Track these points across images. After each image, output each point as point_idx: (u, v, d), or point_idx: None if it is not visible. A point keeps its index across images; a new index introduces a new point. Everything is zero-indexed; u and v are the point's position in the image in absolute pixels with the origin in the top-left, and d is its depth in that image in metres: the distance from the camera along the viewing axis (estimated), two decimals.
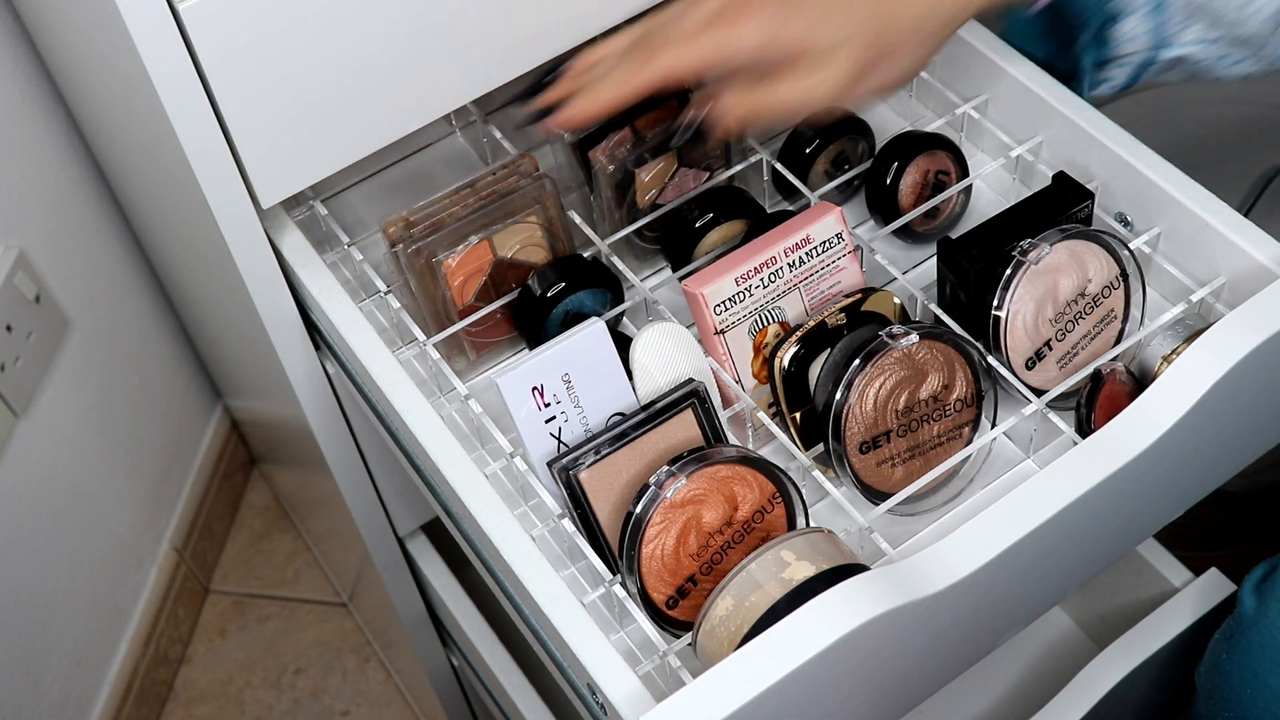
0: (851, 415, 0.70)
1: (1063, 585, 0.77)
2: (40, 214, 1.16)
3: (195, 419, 1.49)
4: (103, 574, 1.34)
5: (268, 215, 0.77)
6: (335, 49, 0.71)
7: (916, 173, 0.82)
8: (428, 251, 0.77)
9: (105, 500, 1.33)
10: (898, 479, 0.73)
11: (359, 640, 1.50)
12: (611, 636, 0.65)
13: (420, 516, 1.04)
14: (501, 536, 0.66)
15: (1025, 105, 0.83)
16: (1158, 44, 0.79)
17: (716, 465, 0.68)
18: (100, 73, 0.84)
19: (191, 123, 0.70)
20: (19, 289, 1.13)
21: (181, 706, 1.46)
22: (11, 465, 1.16)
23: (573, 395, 0.71)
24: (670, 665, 0.65)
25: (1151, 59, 0.80)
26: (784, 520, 0.70)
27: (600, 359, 0.72)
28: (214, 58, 0.68)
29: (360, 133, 0.76)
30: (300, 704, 1.46)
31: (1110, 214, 0.80)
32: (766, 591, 0.62)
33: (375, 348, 0.75)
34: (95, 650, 1.34)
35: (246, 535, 1.57)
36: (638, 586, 0.67)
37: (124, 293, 1.31)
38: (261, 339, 0.84)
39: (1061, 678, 0.89)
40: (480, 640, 1.04)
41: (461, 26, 0.74)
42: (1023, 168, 0.84)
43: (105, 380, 1.30)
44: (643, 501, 0.67)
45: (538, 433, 0.71)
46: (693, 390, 0.71)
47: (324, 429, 0.90)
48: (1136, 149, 0.78)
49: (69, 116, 1.16)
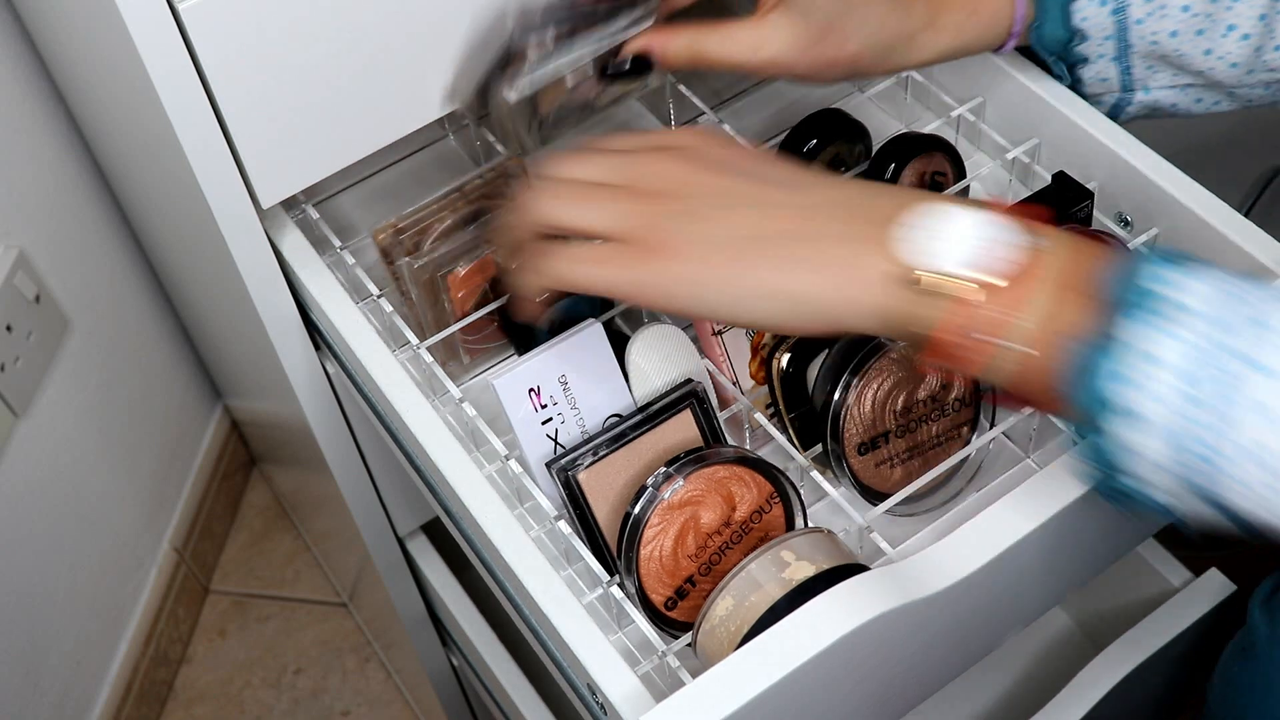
0: (850, 416, 0.70)
1: (1062, 585, 0.77)
2: (40, 214, 1.16)
3: (195, 419, 1.49)
4: (103, 574, 1.34)
5: (268, 215, 0.77)
6: (335, 49, 0.71)
7: (913, 174, 0.82)
8: (434, 265, 0.77)
9: (105, 500, 1.33)
10: (896, 479, 0.73)
11: (359, 640, 1.50)
12: (610, 637, 0.65)
13: (420, 516, 1.04)
14: (502, 537, 0.67)
15: (1023, 106, 0.83)
16: (1127, 88, 0.80)
17: (714, 466, 0.68)
18: (100, 73, 0.84)
19: (191, 123, 0.70)
20: (19, 289, 1.13)
21: (181, 706, 1.46)
22: (11, 465, 1.16)
23: (569, 397, 0.71)
24: (669, 666, 0.65)
25: (1126, 100, 0.81)
26: (782, 521, 0.70)
27: (597, 360, 0.72)
28: (214, 58, 0.68)
29: (360, 133, 0.76)
30: (300, 704, 1.46)
31: (1110, 214, 0.80)
32: (767, 591, 0.62)
33: (375, 348, 0.75)
34: (95, 650, 1.34)
35: (246, 535, 1.57)
36: (636, 587, 0.68)
37: (124, 293, 1.31)
38: (261, 339, 0.84)
39: (1061, 678, 0.89)
40: (480, 640, 1.04)
41: (462, 26, 0.74)
42: (1020, 169, 0.84)
43: (105, 380, 1.30)
44: (641, 502, 0.67)
45: (534, 434, 0.71)
46: (691, 391, 0.71)
47: (324, 429, 0.90)
48: (1136, 149, 0.78)
49: (69, 116, 1.16)
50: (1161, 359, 0.52)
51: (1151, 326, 0.53)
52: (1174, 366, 0.52)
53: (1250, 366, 0.52)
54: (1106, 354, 0.53)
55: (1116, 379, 0.53)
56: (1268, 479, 0.52)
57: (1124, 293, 0.54)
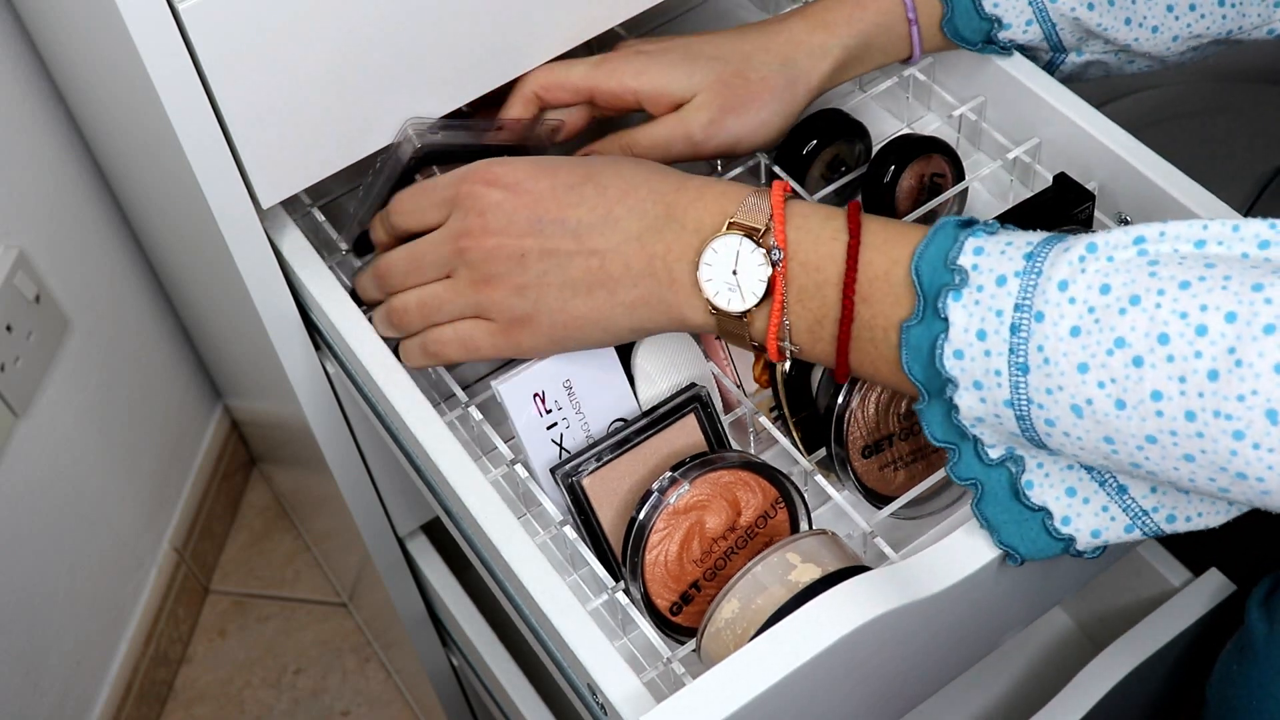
0: (854, 419, 0.70)
1: (1062, 586, 0.77)
2: (40, 214, 1.16)
3: (195, 419, 1.49)
4: (103, 574, 1.34)
5: (268, 215, 0.77)
6: (335, 49, 0.71)
7: (912, 177, 0.82)
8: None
9: (105, 500, 1.33)
10: (900, 483, 0.73)
11: (359, 640, 1.50)
12: (615, 643, 0.65)
13: (420, 516, 1.04)
14: (503, 538, 0.66)
15: (1024, 106, 0.83)
16: (1057, 48, 0.82)
17: (720, 470, 0.68)
18: (100, 73, 0.84)
19: (191, 123, 0.69)
20: (19, 289, 1.13)
21: (181, 706, 1.46)
22: (11, 465, 1.16)
23: (574, 401, 0.71)
24: (674, 672, 0.65)
25: (1059, 60, 0.83)
26: (787, 525, 0.70)
27: (601, 365, 0.72)
28: (214, 58, 0.67)
29: (360, 133, 0.75)
30: (300, 704, 1.46)
31: (1110, 215, 0.80)
32: (772, 594, 0.62)
33: (376, 349, 0.75)
34: (95, 650, 1.34)
35: (246, 535, 1.57)
36: (641, 593, 0.67)
37: (124, 293, 1.31)
38: (261, 339, 0.84)
39: (1061, 678, 0.89)
40: (480, 640, 1.04)
41: (461, 28, 0.74)
42: (1021, 169, 0.84)
43: (105, 380, 1.29)
44: (646, 507, 0.67)
45: (539, 440, 0.71)
46: (695, 395, 0.71)
47: (324, 429, 0.90)
48: (1137, 150, 0.78)
49: (69, 116, 1.16)
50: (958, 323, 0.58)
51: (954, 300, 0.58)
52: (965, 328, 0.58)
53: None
54: (932, 332, 0.59)
55: (955, 355, 0.58)
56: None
57: (932, 275, 0.59)
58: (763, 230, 0.63)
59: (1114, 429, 0.55)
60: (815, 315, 0.63)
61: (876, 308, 0.61)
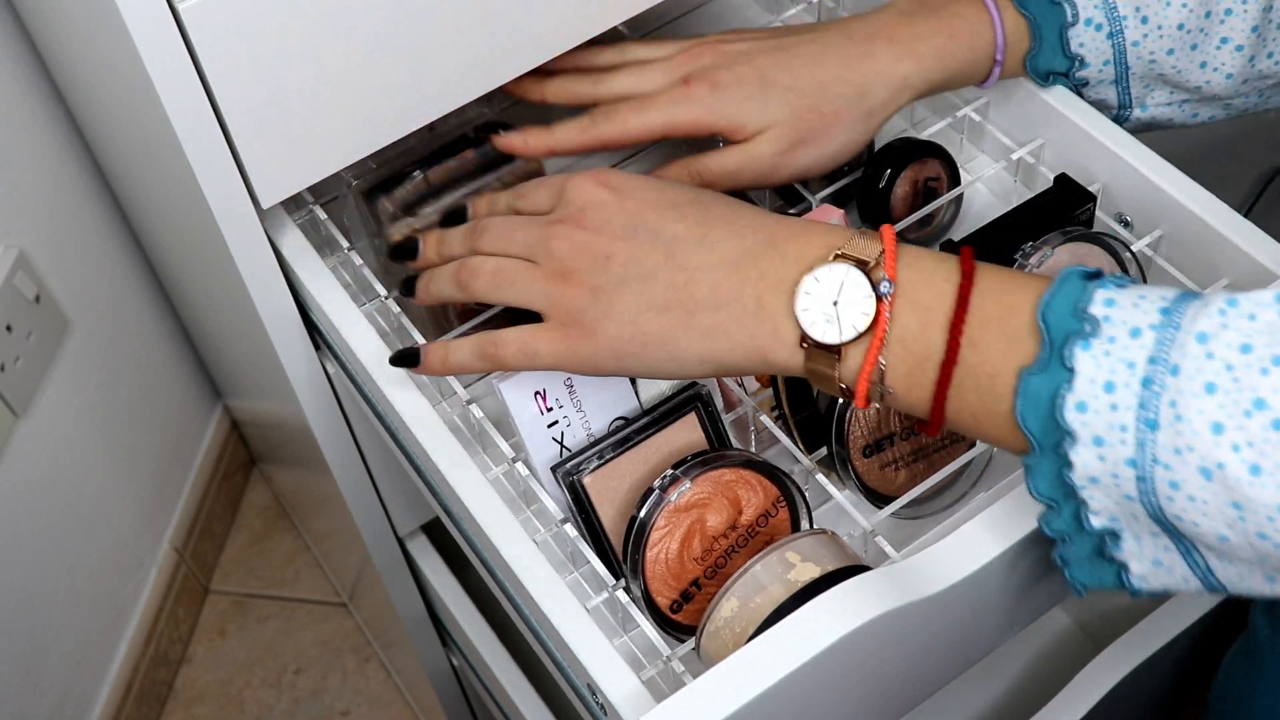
0: (854, 418, 0.70)
1: (1063, 586, 0.77)
2: (40, 214, 1.16)
3: (195, 419, 1.49)
4: (103, 574, 1.34)
5: (268, 215, 0.77)
6: (336, 49, 0.71)
7: (908, 180, 0.82)
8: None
9: (105, 500, 1.33)
10: (901, 482, 0.73)
11: (359, 640, 1.50)
12: (615, 641, 0.65)
13: (420, 516, 1.04)
14: (503, 538, 0.66)
15: (1027, 107, 0.83)
16: (1125, 105, 0.81)
17: (721, 469, 0.68)
18: (100, 73, 0.84)
19: (191, 123, 0.69)
20: (19, 289, 1.13)
21: (181, 706, 1.46)
22: (11, 465, 1.16)
23: (575, 400, 0.71)
24: (674, 670, 0.65)
25: (1123, 117, 0.82)
26: (788, 524, 0.70)
27: None
28: (214, 58, 0.67)
29: (360, 133, 0.75)
30: (300, 704, 1.46)
31: (1111, 216, 0.80)
32: (771, 593, 0.62)
33: (376, 349, 0.75)
34: (95, 650, 1.34)
35: (246, 535, 1.57)
36: (642, 590, 0.67)
37: (124, 293, 1.31)
38: (261, 339, 0.84)
39: (1061, 678, 0.89)
40: (480, 640, 1.04)
41: (462, 26, 0.74)
42: (1024, 170, 0.84)
43: (105, 380, 1.30)
44: (647, 505, 0.67)
45: (540, 437, 0.71)
46: (696, 394, 0.71)
47: (324, 429, 0.90)
48: (1138, 150, 0.78)
49: (69, 116, 1.16)
50: (1100, 380, 0.54)
51: (1090, 350, 0.54)
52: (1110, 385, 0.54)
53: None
54: (1055, 381, 0.55)
55: (1078, 408, 0.54)
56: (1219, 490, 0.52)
57: (1056, 320, 0.55)
58: (872, 263, 0.60)
59: (1245, 495, 0.51)
60: (916, 358, 0.59)
61: (985, 354, 0.57)
